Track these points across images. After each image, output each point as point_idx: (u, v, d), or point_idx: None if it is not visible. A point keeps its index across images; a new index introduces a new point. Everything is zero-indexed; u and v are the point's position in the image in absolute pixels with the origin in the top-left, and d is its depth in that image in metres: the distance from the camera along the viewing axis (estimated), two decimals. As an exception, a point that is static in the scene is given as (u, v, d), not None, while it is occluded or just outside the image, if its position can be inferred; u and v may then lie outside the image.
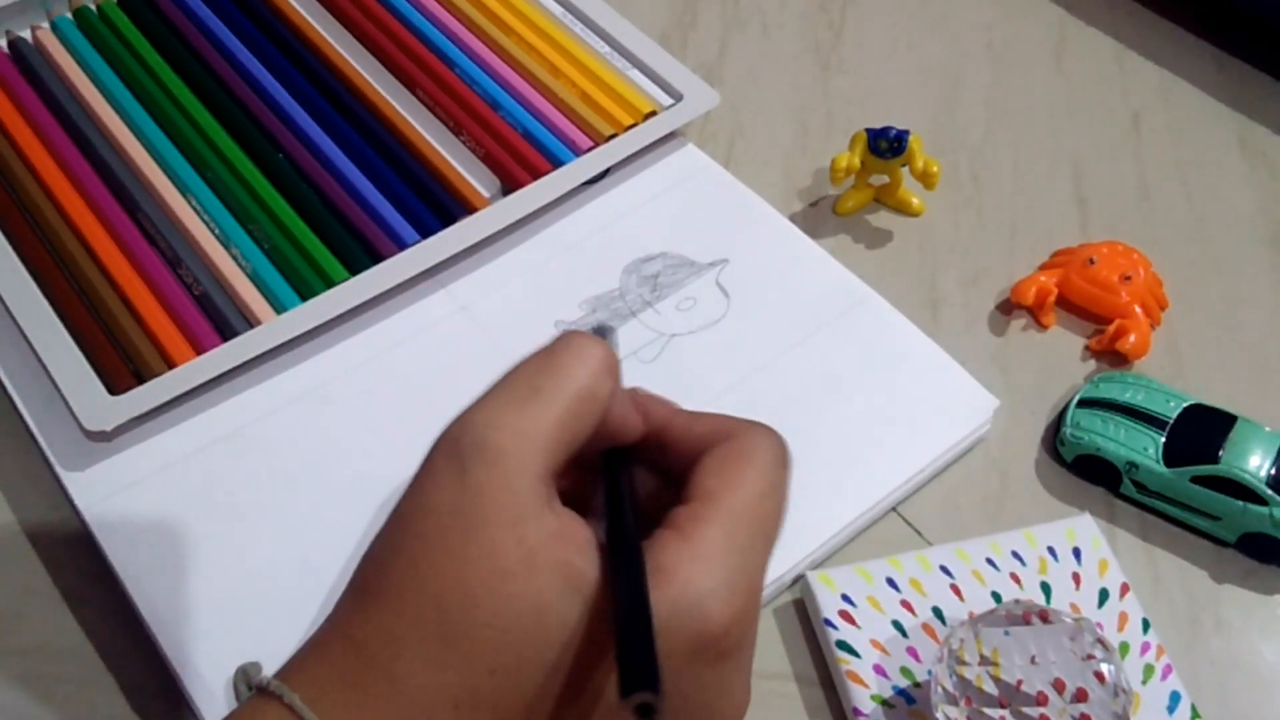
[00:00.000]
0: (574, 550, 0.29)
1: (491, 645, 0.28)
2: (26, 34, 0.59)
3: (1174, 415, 0.47)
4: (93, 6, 0.60)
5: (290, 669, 0.30)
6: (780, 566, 0.44)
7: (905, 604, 0.43)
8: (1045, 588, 0.44)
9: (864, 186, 0.56)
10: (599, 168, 0.54)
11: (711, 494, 0.31)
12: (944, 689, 0.38)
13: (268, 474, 0.46)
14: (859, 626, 0.43)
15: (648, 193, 0.55)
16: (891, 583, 0.44)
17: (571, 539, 0.30)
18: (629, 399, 0.34)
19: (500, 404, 0.31)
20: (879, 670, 0.42)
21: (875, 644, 0.42)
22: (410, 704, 0.28)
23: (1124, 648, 0.42)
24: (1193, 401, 0.48)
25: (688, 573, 0.29)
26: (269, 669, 0.33)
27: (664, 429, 0.34)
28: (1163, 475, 0.46)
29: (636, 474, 0.33)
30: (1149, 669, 0.42)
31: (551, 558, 0.29)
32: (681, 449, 0.33)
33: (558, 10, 0.61)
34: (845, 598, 0.43)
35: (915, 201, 0.57)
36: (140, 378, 0.46)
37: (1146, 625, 0.43)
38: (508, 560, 0.29)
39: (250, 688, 0.32)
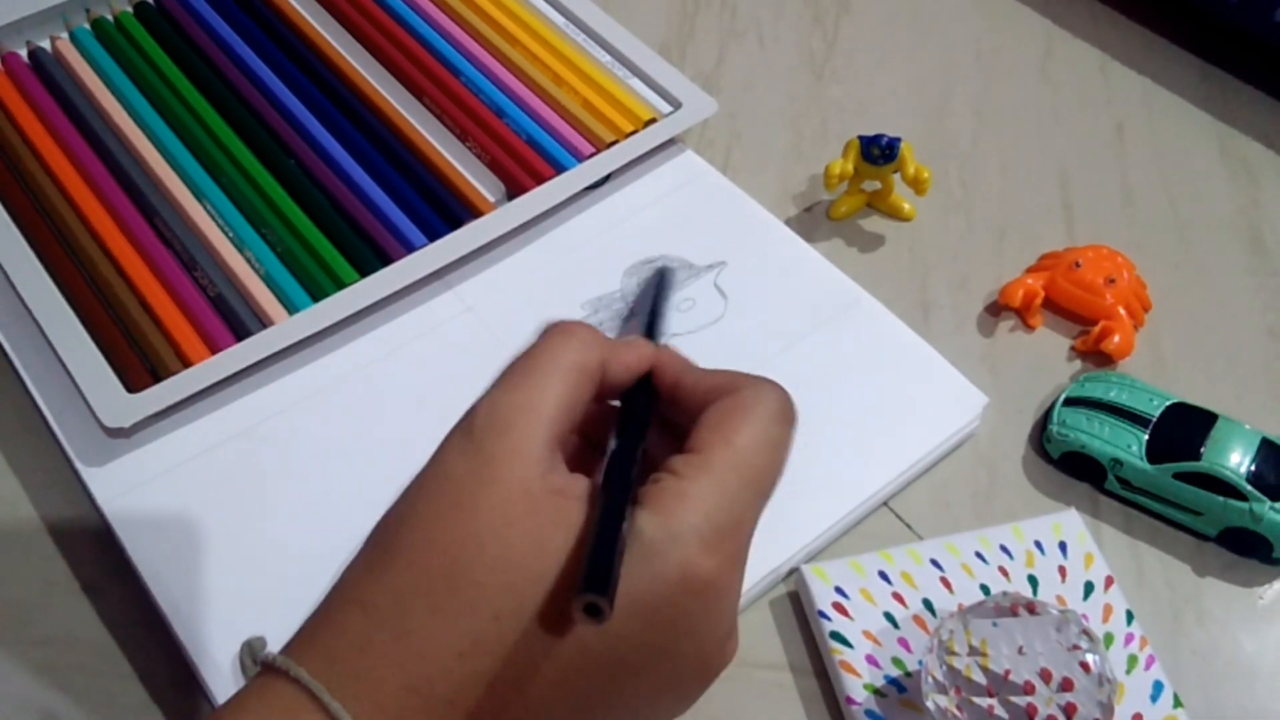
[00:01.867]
0: (573, 499, 0.30)
1: (495, 588, 0.29)
2: (46, 44, 0.59)
3: (1157, 414, 0.47)
4: (110, 17, 0.60)
5: (297, 643, 0.30)
6: (775, 559, 0.45)
7: (897, 596, 0.43)
8: (1032, 580, 0.44)
9: (857, 192, 0.56)
10: (601, 173, 0.54)
11: (709, 443, 0.31)
12: (934, 678, 0.38)
13: (281, 468, 0.46)
14: (852, 618, 0.43)
15: (648, 197, 0.55)
16: (883, 575, 0.44)
17: (571, 491, 0.30)
18: (629, 346, 0.34)
19: (501, 389, 0.32)
20: (871, 660, 0.42)
21: (868, 635, 0.42)
22: (417, 658, 0.29)
23: (1108, 638, 0.42)
24: (1175, 400, 0.48)
25: (674, 510, 0.30)
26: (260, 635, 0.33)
27: (676, 383, 0.34)
28: (1146, 472, 0.46)
29: (651, 434, 0.34)
30: (1133, 659, 0.42)
31: (552, 504, 0.30)
32: (690, 403, 0.34)
33: (560, 21, 0.61)
34: (839, 590, 0.43)
35: (906, 207, 0.57)
36: (157, 376, 0.46)
37: (1130, 617, 0.43)
38: (513, 509, 0.29)
39: (255, 662, 0.32)
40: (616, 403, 0.34)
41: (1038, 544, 0.45)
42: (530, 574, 0.29)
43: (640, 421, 0.33)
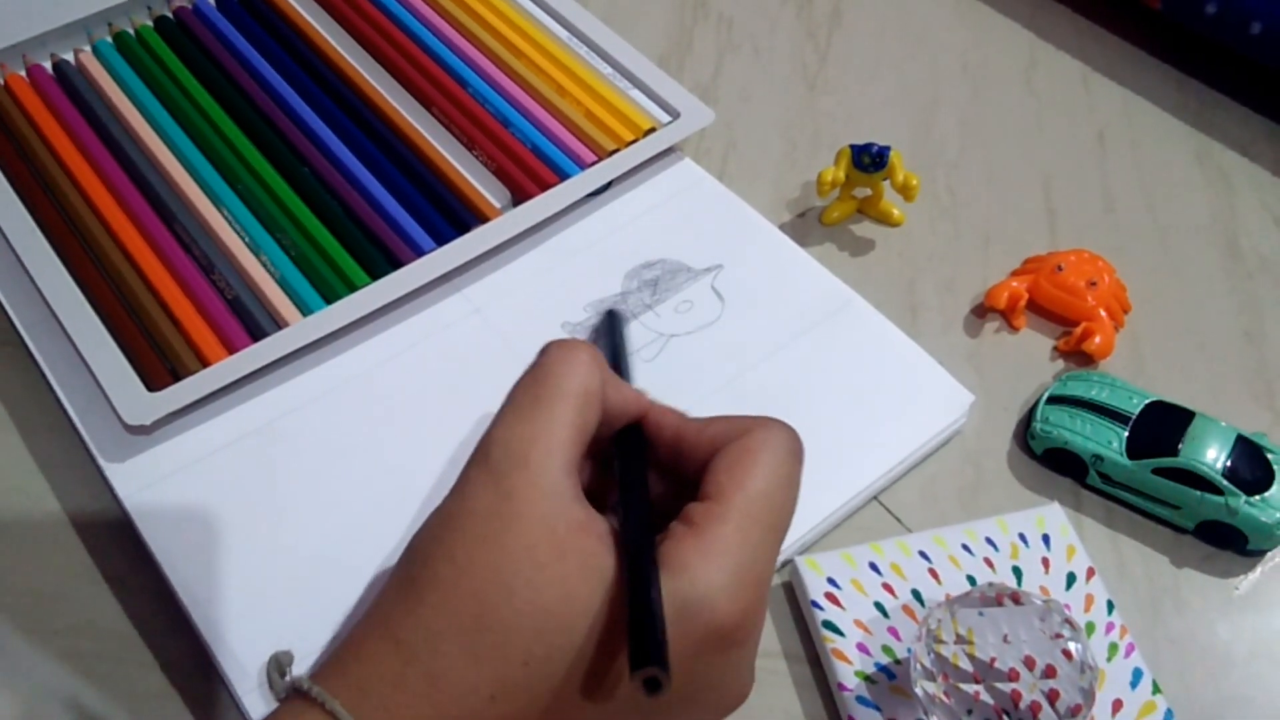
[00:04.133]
0: (595, 539, 0.29)
1: (525, 635, 0.28)
2: (69, 56, 0.59)
3: (1136, 411, 0.47)
4: (131, 31, 0.60)
5: (330, 670, 0.30)
6: (771, 551, 0.44)
7: (887, 587, 0.43)
8: (1017, 571, 0.44)
9: (848, 198, 0.56)
10: (602, 180, 0.54)
11: (724, 490, 0.30)
12: (923, 665, 0.38)
13: (295, 464, 0.46)
14: (844, 608, 0.43)
15: (647, 203, 0.55)
16: (874, 567, 0.44)
17: (593, 529, 0.30)
18: (621, 383, 0.34)
19: (512, 419, 0.31)
20: (862, 648, 0.42)
21: (859, 624, 0.42)
22: (448, 699, 0.28)
23: (1090, 627, 0.42)
24: (1154, 398, 0.48)
25: (699, 568, 0.29)
26: (297, 648, 0.33)
27: (678, 437, 0.33)
28: (1126, 467, 0.46)
29: (650, 478, 0.33)
30: (1113, 647, 0.42)
31: (577, 546, 0.29)
32: (696, 452, 0.33)
33: (564, 34, 0.61)
34: (831, 581, 0.43)
35: (896, 212, 0.57)
36: (176, 375, 0.46)
37: (1111, 606, 0.43)
38: (541, 552, 0.29)
39: (282, 675, 0.32)
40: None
41: (1022, 536, 0.45)
42: (559, 623, 0.28)
43: (641, 476, 0.32)
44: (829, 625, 0.42)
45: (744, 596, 0.29)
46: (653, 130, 0.56)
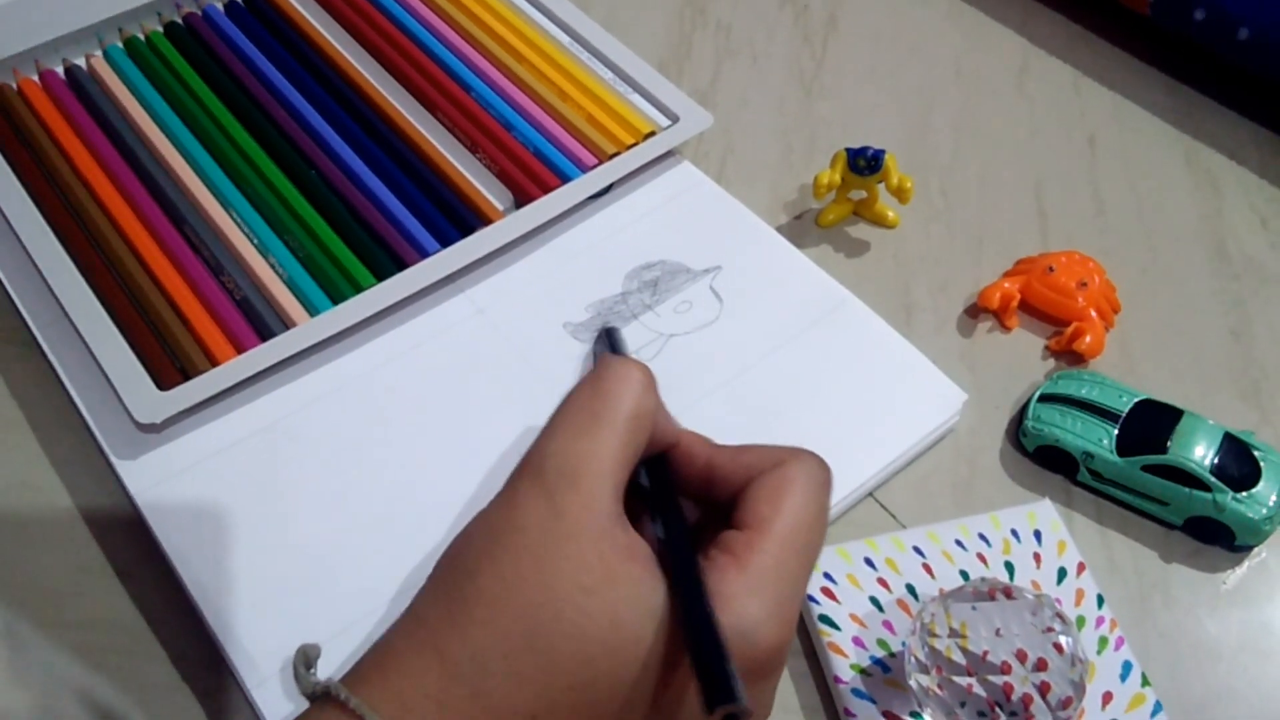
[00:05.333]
0: (641, 566, 0.29)
1: (571, 660, 0.28)
2: (81, 62, 0.59)
3: (1126, 409, 0.47)
4: (141, 37, 0.60)
5: (366, 680, 0.29)
6: (768, 547, 0.44)
7: (881, 581, 0.43)
8: (1009, 566, 0.44)
9: (844, 201, 0.56)
10: (603, 183, 0.54)
11: (765, 520, 0.30)
12: (917, 659, 0.38)
13: (302, 461, 0.46)
14: (839, 602, 0.43)
15: (647, 206, 0.55)
16: (869, 562, 0.44)
17: (639, 554, 0.29)
18: (665, 409, 0.33)
19: (570, 434, 0.30)
20: (858, 642, 0.42)
21: (854, 618, 0.42)
22: (491, 718, 0.27)
23: (1080, 621, 0.42)
24: (1143, 397, 0.48)
25: (744, 602, 0.29)
26: (308, 640, 0.32)
27: (710, 464, 0.33)
28: (1116, 464, 0.46)
29: (682, 505, 0.33)
30: (1103, 641, 0.42)
31: (626, 572, 0.28)
32: (730, 480, 0.32)
33: (565, 39, 0.61)
34: (827, 576, 0.43)
35: (891, 215, 0.56)
36: (186, 375, 0.46)
37: (1101, 601, 0.43)
38: (590, 576, 0.28)
39: (308, 668, 0.31)
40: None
41: (1014, 532, 0.45)
42: (606, 649, 0.28)
43: (678, 506, 0.32)
44: (825, 619, 0.42)
45: (783, 629, 0.29)
46: (652, 134, 0.56)
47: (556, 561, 0.28)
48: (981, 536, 0.45)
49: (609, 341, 0.40)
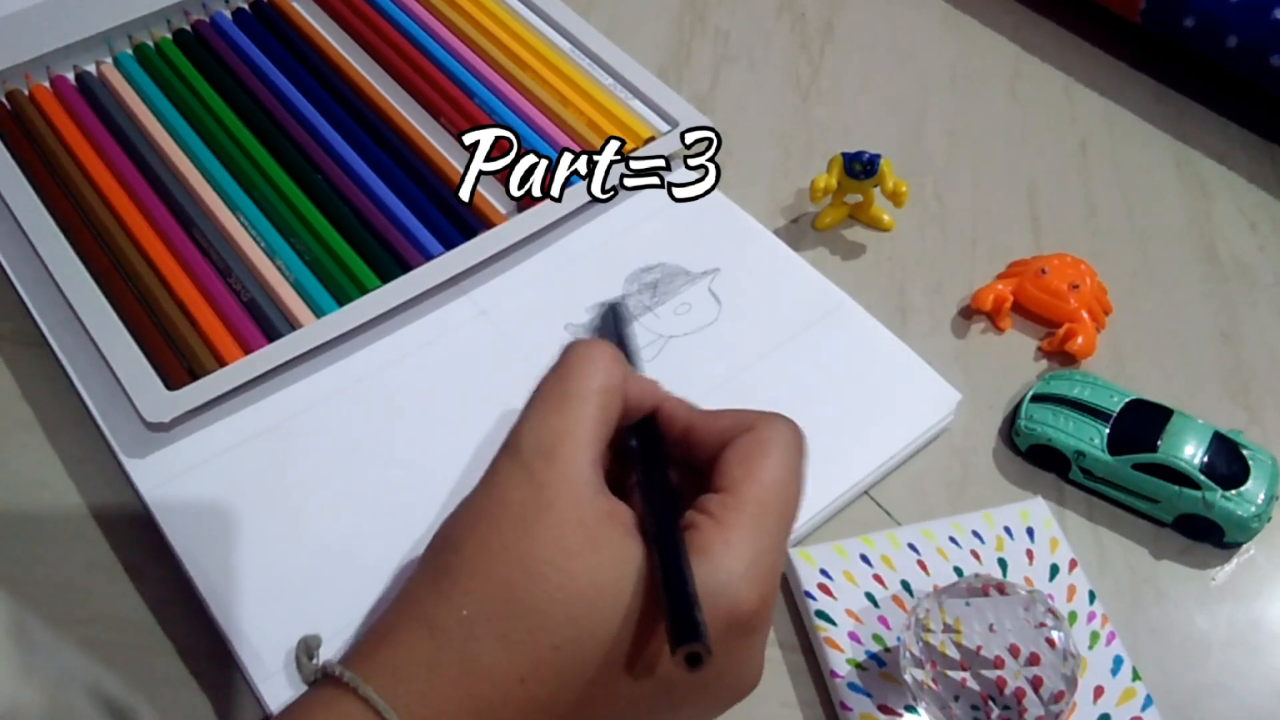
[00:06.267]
0: (622, 528, 0.30)
1: (555, 620, 0.28)
2: (91, 68, 0.59)
3: (1117, 409, 0.47)
4: (151, 43, 0.60)
5: (361, 655, 0.29)
6: (766, 544, 0.45)
7: (877, 578, 0.43)
8: (1002, 563, 0.44)
9: (840, 204, 0.56)
10: (604, 187, 0.54)
11: (739, 482, 0.31)
12: (911, 653, 0.38)
13: (308, 460, 0.46)
14: (835, 598, 0.43)
15: (647, 209, 0.55)
16: (865, 559, 0.44)
17: (619, 518, 0.30)
18: (639, 376, 0.34)
19: (543, 413, 0.31)
20: (853, 637, 0.42)
21: (850, 613, 0.43)
22: (481, 681, 0.28)
23: (1072, 616, 0.43)
24: (1134, 397, 0.48)
25: (721, 556, 0.29)
26: (314, 632, 0.32)
27: (688, 429, 0.34)
28: (1107, 463, 0.46)
29: (667, 468, 0.33)
30: (1095, 636, 0.42)
31: (606, 535, 0.29)
32: (706, 443, 0.33)
33: (566, 46, 0.61)
34: (823, 572, 0.43)
35: (886, 218, 0.57)
36: (194, 375, 0.46)
37: (1093, 596, 0.43)
38: (571, 540, 0.29)
39: (310, 658, 0.32)
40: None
41: (1007, 530, 0.45)
42: (589, 609, 0.28)
43: (662, 467, 0.33)
44: (822, 615, 0.42)
45: (761, 584, 0.30)
46: (652, 139, 0.56)
47: (538, 530, 0.29)
48: (975, 534, 0.45)
49: (613, 318, 0.40)
